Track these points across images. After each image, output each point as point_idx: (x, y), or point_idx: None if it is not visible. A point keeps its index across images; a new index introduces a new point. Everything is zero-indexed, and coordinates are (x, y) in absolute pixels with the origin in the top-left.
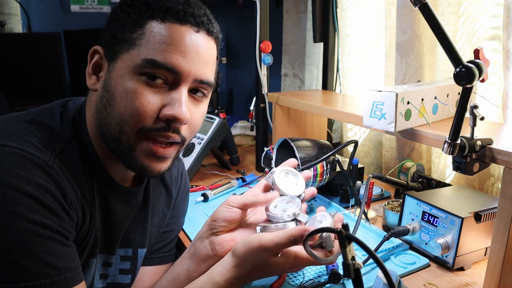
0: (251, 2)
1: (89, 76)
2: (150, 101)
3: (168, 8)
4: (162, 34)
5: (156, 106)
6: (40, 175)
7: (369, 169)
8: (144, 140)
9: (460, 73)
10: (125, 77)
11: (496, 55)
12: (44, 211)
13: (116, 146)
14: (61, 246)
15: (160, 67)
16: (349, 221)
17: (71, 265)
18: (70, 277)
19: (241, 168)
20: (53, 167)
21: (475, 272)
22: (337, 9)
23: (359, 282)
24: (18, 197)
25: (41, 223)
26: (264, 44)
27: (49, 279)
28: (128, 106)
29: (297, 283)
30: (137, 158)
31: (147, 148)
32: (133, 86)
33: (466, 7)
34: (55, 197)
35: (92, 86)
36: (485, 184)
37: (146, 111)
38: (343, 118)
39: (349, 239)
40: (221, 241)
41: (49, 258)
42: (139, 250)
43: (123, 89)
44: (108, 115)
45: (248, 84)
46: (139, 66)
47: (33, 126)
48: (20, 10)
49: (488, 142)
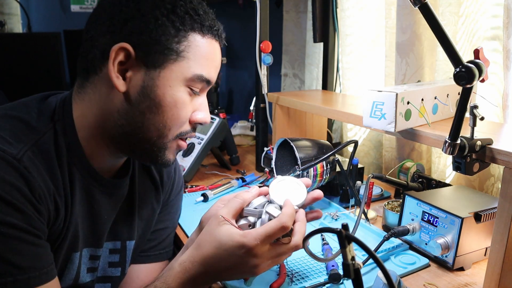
0: (251, 2)
1: (116, 76)
2: (189, 109)
3: (205, 23)
4: (204, 49)
5: (190, 113)
6: (5, 171)
7: (369, 169)
8: (176, 140)
9: (460, 73)
10: (175, 88)
11: (496, 55)
12: (8, 209)
13: (147, 146)
14: (26, 245)
15: (203, 81)
16: (349, 221)
17: (37, 264)
18: (35, 276)
19: (241, 168)
20: (21, 160)
21: (475, 272)
22: (337, 9)
23: (359, 282)
24: None
25: (4, 222)
26: (264, 44)
27: (10, 278)
28: (175, 115)
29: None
30: (166, 155)
31: (178, 145)
32: (183, 97)
33: (466, 7)
34: (21, 193)
35: (121, 87)
36: (485, 184)
37: (186, 118)
38: (343, 118)
39: (348, 239)
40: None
41: (12, 257)
42: (127, 242)
43: (172, 99)
44: (147, 121)
45: (248, 84)
46: (189, 80)
47: (4, 120)
48: (20, 10)
49: (488, 142)
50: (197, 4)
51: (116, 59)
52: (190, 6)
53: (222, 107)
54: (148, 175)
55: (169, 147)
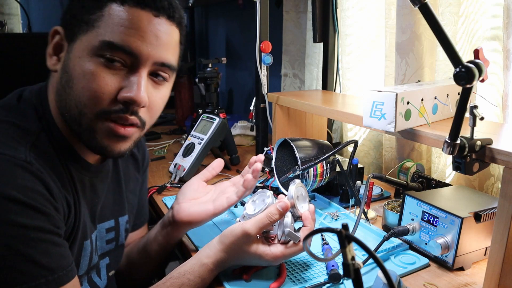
0: (251, 2)
1: (50, 56)
2: (107, 82)
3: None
4: (121, 17)
5: (113, 88)
6: (22, 176)
7: (369, 169)
8: (104, 121)
9: (460, 73)
10: (83, 58)
11: (496, 55)
12: (34, 213)
13: (76, 127)
14: (53, 246)
15: (118, 50)
16: (349, 221)
17: (63, 263)
18: (63, 275)
19: (241, 168)
20: (31, 163)
21: (475, 272)
22: (337, 9)
23: (359, 282)
24: (7, 204)
25: (32, 226)
26: (264, 44)
27: (43, 280)
28: (86, 87)
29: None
30: (97, 139)
31: (107, 128)
32: (90, 67)
33: (466, 7)
34: (42, 196)
35: (53, 66)
36: (485, 184)
37: (104, 93)
38: (343, 118)
39: (348, 239)
40: (179, 209)
41: (42, 259)
42: (119, 219)
43: (81, 70)
44: (67, 97)
45: (248, 84)
46: (96, 48)
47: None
48: (20, 10)
49: (488, 142)
50: None
51: (51, 42)
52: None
53: (222, 107)
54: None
55: (97, 129)
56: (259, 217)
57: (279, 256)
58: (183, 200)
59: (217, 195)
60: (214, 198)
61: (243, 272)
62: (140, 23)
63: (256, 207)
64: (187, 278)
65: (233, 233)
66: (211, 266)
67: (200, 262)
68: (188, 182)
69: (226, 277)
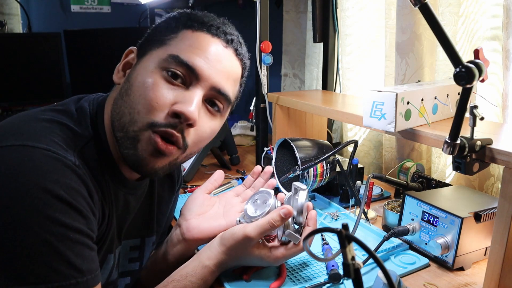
0: (251, 2)
1: (118, 71)
2: (164, 94)
3: (204, 21)
4: (191, 39)
5: (168, 101)
6: (70, 177)
7: (369, 169)
8: (150, 133)
9: (460, 73)
10: (147, 69)
11: (496, 55)
12: (76, 215)
13: (121, 134)
14: (87, 249)
15: (181, 64)
16: (349, 221)
17: (93, 267)
18: (91, 278)
19: (241, 168)
20: (79, 166)
21: (475, 272)
22: (337, 9)
23: (359, 282)
24: (53, 202)
25: (73, 227)
26: (264, 44)
27: (73, 281)
28: (143, 95)
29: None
30: (138, 149)
31: (152, 140)
32: (152, 77)
33: (466, 7)
34: (84, 199)
35: (118, 80)
36: (485, 184)
37: (158, 103)
38: (343, 118)
39: (348, 239)
40: (188, 227)
41: (76, 260)
42: (146, 239)
43: (142, 79)
44: (123, 104)
45: (248, 84)
46: (163, 61)
47: (54, 125)
48: (20, 10)
49: (488, 142)
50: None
51: (124, 59)
52: (196, 15)
53: None
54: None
55: (141, 139)
56: (261, 222)
57: (279, 257)
58: (190, 216)
59: (224, 208)
60: (223, 211)
61: (243, 272)
62: (208, 47)
63: (257, 208)
64: (189, 281)
65: (234, 236)
66: (213, 268)
67: (202, 264)
68: (192, 196)
69: (226, 277)
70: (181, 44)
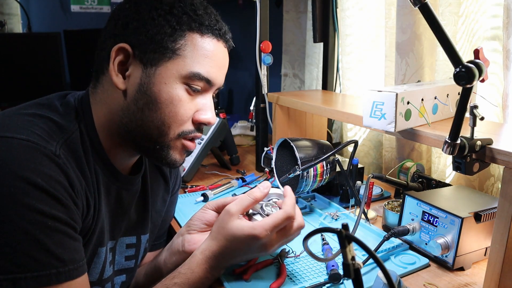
0: (251, 2)
1: (116, 75)
2: (189, 107)
3: (204, 22)
4: (204, 48)
5: (192, 111)
6: (49, 166)
7: (369, 169)
8: (182, 140)
9: (460, 73)
10: (170, 85)
11: (496, 55)
12: (54, 203)
13: (150, 144)
14: (68, 238)
15: (202, 80)
16: (349, 221)
17: (75, 257)
18: (73, 269)
19: (241, 168)
20: (60, 156)
21: (475, 272)
22: (337, 9)
23: (359, 282)
24: (30, 189)
25: (51, 215)
26: (264, 44)
27: (54, 270)
28: (173, 112)
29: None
30: (171, 154)
31: (184, 145)
32: (178, 94)
33: (466, 7)
34: (64, 188)
35: (122, 85)
36: (485, 184)
37: (187, 117)
38: (343, 118)
39: (349, 239)
40: (190, 240)
41: (56, 249)
42: (142, 236)
43: (168, 96)
44: (146, 118)
45: (248, 84)
46: (184, 77)
47: (36, 118)
48: (20, 10)
49: (488, 142)
50: (198, 5)
51: (116, 58)
52: (190, 8)
53: (222, 107)
54: (158, 169)
55: (173, 146)
56: (240, 196)
57: (268, 224)
58: (194, 229)
59: None
60: None
61: (243, 272)
62: (219, 54)
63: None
64: (177, 271)
65: (218, 218)
66: (200, 256)
67: (193, 254)
68: (203, 209)
69: (226, 277)
70: (197, 56)
